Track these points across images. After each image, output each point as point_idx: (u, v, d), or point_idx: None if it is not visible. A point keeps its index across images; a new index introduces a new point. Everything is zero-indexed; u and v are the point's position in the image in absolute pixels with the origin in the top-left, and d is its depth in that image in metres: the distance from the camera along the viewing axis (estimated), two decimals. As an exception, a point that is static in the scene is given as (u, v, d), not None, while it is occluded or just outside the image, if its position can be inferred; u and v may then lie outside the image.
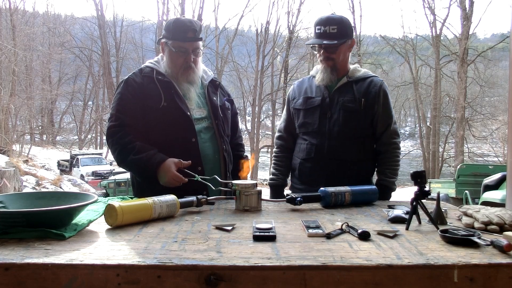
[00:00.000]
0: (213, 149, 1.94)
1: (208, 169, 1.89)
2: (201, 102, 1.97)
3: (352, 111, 2.01)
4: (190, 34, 1.86)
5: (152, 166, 1.71)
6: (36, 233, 1.11)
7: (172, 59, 1.91)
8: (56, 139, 31.85)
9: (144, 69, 1.96)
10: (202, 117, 1.95)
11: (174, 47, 1.88)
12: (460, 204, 3.07)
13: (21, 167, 12.61)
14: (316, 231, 1.19)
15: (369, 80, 2.09)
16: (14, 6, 23.15)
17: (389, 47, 25.07)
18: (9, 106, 17.35)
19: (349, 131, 2.02)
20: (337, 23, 1.99)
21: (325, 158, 2.02)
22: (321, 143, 2.04)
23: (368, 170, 2.11)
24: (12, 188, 7.81)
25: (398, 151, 2.12)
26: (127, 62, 31.95)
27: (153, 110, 1.85)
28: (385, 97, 2.07)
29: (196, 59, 1.93)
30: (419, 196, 1.31)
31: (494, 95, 26.13)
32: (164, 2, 27.33)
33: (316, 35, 2.03)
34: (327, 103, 2.05)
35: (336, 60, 2.02)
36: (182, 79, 1.92)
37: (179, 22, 1.88)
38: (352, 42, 2.07)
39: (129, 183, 13.07)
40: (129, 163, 1.78)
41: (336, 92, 2.05)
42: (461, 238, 1.09)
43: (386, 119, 2.07)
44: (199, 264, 0.92)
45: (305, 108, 2.10)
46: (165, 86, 1.88)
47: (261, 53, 25.95)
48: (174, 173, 1.68)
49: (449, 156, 24.51)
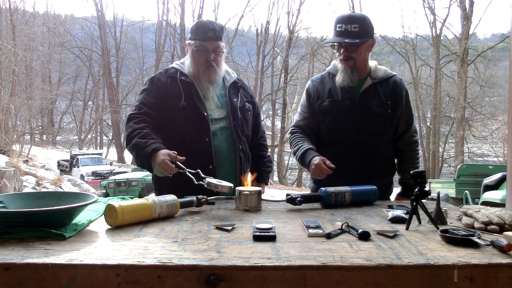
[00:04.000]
0: (228, 149, 1.99)
1: (222, 168, 1.95)
2: (220, 103, 2.03)
3: (380, 115, 1.99)
4: (210, 33, 1.95)
5: (147, 152, 1.72)
6: (36, 233, 1.10)
7: (194, 58, 2.00)
8: (56, 139, 31.88)
9: (169, 69, 2.07)
10: (220, 117, 2.01)
11: (195, 46, 1.97)
12: (460, 204, 3.07)
13: (21, 167, 12.61)
14: (316, 231, 1.19)
15: (391, 80, 2.07)
16: (14, 6, 23.13)
17: (389, 47, 25.06)
18: (9, 106, 17.34)
19: (376, 135, 2.00)
20: (359, 21, 1.95)
21: (351, 162, 1.97)
22: (349, 149, 1.98)
23: (391, 171, 2.11)
24: (12, 188, 7.81)
25: (418, 148, 2.15)
26: (127, 62, 31.99)
27: (172, 109, 1.94)
28: (407, 97, 2.08)
29: (217, 59, 2.00)
30: (419, 196, 1.31)
31: (494, 95, 26.12)
32: (164, 2, 27.41)
33: (336, 33, 1.96)
34: (356, 108, 1.99)
35: (356, 60, 1.97)
36: (203, 77, 1.99)
37: (200, 23, 1.99)
38: (372, 41, 2.01)
39: (129, 183, 13.14)
40: (132, 146, 1.81)
41: (363, 96, 2.01)
42: (461, 238, 1.09)
43: (408, 118, 2.08)
44: (199, 264, 0.92)
45: (332, 112, 2.03)
46: (186, 86, 1.97)
47: (261, 53, 25.97)
48: (164, 161, 1.65)
49: (449, 156, 24.52)
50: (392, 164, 2.12)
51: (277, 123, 27.21)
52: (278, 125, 26.29)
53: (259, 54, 25.97)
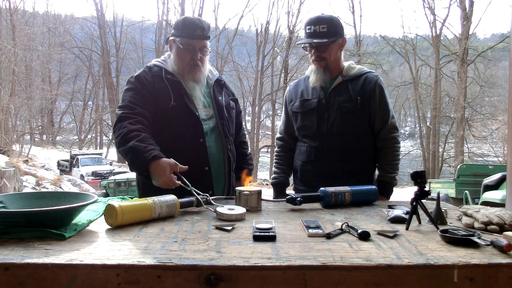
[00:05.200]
0: (217, 149, 1.95)
1: (213, 169, 1.91)
2: (206, 102, 1.98)
3: (348, 111, 2.01)
4: (198, 32, 1.87)
5: (146, 159, 1.60)
6: (36, 233, 1.10)
7: (179, 56, 1.91)
8: (56, 139, 31.87)
9: (152, 67, 1.95)
10: (208, 117, 1.96)
11: (181, 44, 1.88)
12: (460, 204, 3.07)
13: (21, 167, 12.61)
14: (316, 231, 1.19)
15: (363, 77, 2.08)
16: (14, 6, 23.14)
17: (389, 47, 25.06)
18: (9, 106, 17.34)
19: (347, 131, 2.02)
20: (327, 22, 1.99)
21: (325, 159, 2.03)
22: (320, 145, 2.04)
23: (370, 168, 2.11)
24: (12, 188, 7.81)
25: (397, 145, 2.11)
26: (127, 62, 31.96)
27: (162, 110, 1.85)
28: (381, 92, 2.06)
29: (203, 58, 1.93)
30: (419, 196, 1.31)
31: (494, 95, 26.13)
32: (164, 2, 27.37)
33: (306, 35, 2.03)
34: (323, 105, 2.05)
35: (328, 59, 2.02)
36: (188, 77, 1.92)
37: (188, 20, 1.90)
38: (343, 40, 2.06)
39: (129, 183, 13.13)
40: (128, 149, 1.65)
41: (332, 93, 2.05)
42: (461, 238, 1.09)
43: (384, 114, 2.06)
44: (199, 264, 0.92)
45: (302, 111, 2.10)
46: (174, 85, 1.89)
47: (261, 53, 25.95)
48: (168, 177, 1.57)
49: (449, 156, 24.51)
50: (372, 162, 2.11)
51: (277, 123, 27.20)
52: (278, 125, 26.28)
53: (259, 54, 25.95)
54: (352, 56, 23.20)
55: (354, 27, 24.07)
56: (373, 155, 2.11)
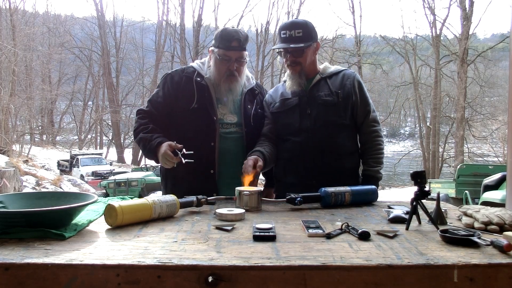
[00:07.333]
0: (236, 155, 1.99)
1: (228, 173, 1.96)
2: (234, 108, 2.05)
3: (330, 104, 2.01)
4: (234, 43, 1.97)
5: (153, 145, 1.87)
6: (36, 233, 1.10)
7: (217, 66, 2.02)
8: (56, 139, 31.87)
9: (187, 68, 2.11)
10: (232, 122, 2.04)
11: (219, 55, 1.99)
12: (460, 204, 3.07)
13: (21, 167, 12.61)
14: (316, 231, 1.19)
15: (341, 74, 2.10)
16: (14, 6, 23.15)
17: (389, 47, 25.04)
18: (9, 106, 17.34)
19: (330, 124, 2.02)
20: (302, 26, 1.99)
21: (310, 153, 2.01)
22: (305, 140, 2.02)
23: (354, 162, 2.11)
24: (12, 188, 7.81)
25: (379, 139, 2.11)
26: (127, 62, 31.99)
27: (183, 110, 1.99)
28: (360, 87, 2.09)
29: (240, 68, 2.02)
30: (419, 196, 1.31)
31: (494, 95, 26.12)
32: (164, 2, 27.39)
33: (281, 40, 2.01)
34: (305, 101, 2.04)
35: (303, 64, 2.02)
36: (223, 86, 2.02)
37: (225, 31, 2.01)
38: (317, 45, 2.07)
39: (129, 183, 13.16)
40: (139, 139, 1.96)
41: (312, 89, 2.06)
42: (461, 238, 1.09)
43: (364, 108, 2.08)
44: (199, 264, 0.92)
45: (284, 110, 2.08)
46: (200, 88, 2.01)
47: (261, 53, 25.95)
48: (165, 151, 1.81)
49: (449, 156, 24.49)
50: (356, 155, 2.11)
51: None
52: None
53: (259, 54, 25.96)
54: (352, 56, 23.21)
55: (354, 27, 24.05)
56: (357, 149, 2.12)
